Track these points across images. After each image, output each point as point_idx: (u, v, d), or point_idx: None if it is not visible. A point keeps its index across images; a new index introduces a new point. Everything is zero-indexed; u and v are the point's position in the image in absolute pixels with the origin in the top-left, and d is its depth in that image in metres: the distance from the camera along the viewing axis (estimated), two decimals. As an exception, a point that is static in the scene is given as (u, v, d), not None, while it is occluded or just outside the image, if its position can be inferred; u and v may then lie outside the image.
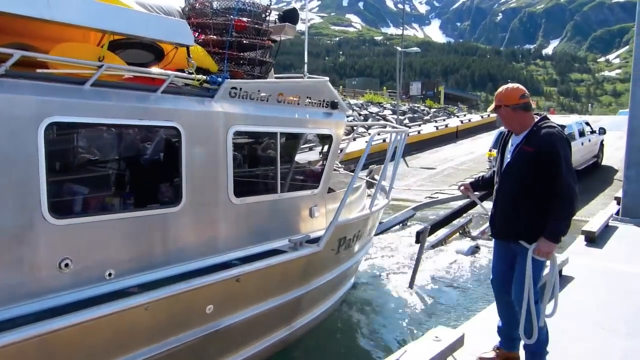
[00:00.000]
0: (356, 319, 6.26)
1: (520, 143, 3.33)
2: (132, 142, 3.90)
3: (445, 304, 6.84)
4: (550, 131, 3.21)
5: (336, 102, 5.02)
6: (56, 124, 3.05)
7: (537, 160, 3.18)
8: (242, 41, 4.48)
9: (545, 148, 3.16)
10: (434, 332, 3.78)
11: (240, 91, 4.06)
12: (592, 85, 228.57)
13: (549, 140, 3.17)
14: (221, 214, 4.02)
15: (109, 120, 3.33)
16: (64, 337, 2.88)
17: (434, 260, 8.58)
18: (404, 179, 18.06)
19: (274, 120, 4.37)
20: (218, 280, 3.67)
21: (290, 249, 4.36)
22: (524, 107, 3.33)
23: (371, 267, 8.26)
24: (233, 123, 3.99)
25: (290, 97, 4.54)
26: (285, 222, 4.67)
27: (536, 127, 3.29)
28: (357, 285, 7.38)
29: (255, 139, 4.67)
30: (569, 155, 3.20)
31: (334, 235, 4.62)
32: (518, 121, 3.35)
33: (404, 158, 22.35)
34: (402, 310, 6.65)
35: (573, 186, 3.10)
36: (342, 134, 5.19)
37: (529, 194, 3.24)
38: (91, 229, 3.22)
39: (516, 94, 3.35)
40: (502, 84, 3.60)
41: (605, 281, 5.66)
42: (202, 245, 3.89)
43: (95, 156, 3.74)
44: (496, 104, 3.43)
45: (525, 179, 3.25)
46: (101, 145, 3.73)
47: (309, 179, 5.20)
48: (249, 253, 4.19)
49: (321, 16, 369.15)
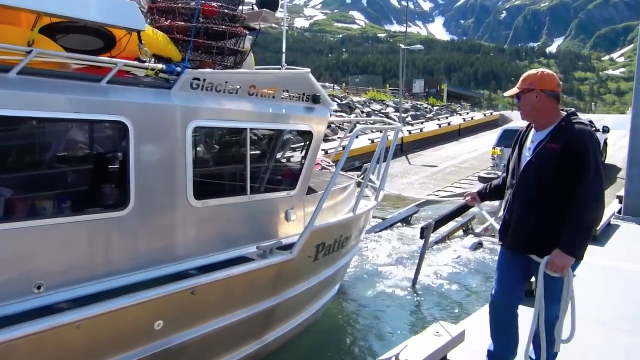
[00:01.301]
0: (358, 314, 6.30)
1: (545, 139, 2.88)
2: (70, 139, 3.47)
3: (447, 300, 6.88)
4: (582, 127, 2.80)
5: (318, 95, 4.59)
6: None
7: (563, 159, 2.76)
8: (211, 28, 4.08)
9: (573, 146, 2.75)
10: (434, 327, 3.81)
11: (204, 82, 3.66)
12: (595, 83, 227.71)
13: (580, 137, 2.75)
14: (178, 218, 3.63)
15: (40, 113, 2.94)
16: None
17: (437, 256, 8.61)
18: (406, 176, 18.07)
19: (243, 114, 3.97)
20: (168, 293, 3.27)
21: (258, 256, 3.97)
22: (557, 96, 2.92)
23: (375, 263, 8.30)
24: (193, 117, 3.60)
25: (264, 89, 4.11)
26: (256, 227, 4.26)
27: (565, 122, 2.85)
28: (360, 281, 7.42)
29: (223, 136, 4.35)
30: (599, 157, 2.79)
31: (310, 241, 4.21)
32: (546, 112, 2.91)
33: (407, 156, 22.37)
34: (404, 305, 6.69)
35: (599, 193, 2.71)
36: (323, 131, 4.80)
37: (549, 198, 2.83)
38: (16, 236, 2.85)
39: (554, 80, 2.92)
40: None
41: (606, 279, 5.67)
42: (154, 253, 3.51)
43: (24, 154, 3.35)
44: (524, 87, 2.95)
45: (546, 180, 2.83)
46: (31, 142, 3.32)
47: (285, 179, 4.77)
48: (211, 261, 3.81)
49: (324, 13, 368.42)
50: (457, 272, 7.92)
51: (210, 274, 3.55)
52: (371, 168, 4.95)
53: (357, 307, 6.50)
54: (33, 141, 3.32)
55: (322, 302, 5.32)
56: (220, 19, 4.13)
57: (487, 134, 27.96)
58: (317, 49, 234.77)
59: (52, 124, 3.17)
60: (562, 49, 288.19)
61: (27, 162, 3.37)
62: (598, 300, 4.98)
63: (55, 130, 3.31)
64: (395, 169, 19.41)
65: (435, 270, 7.89)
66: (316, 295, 5.06)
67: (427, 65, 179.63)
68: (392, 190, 15.70)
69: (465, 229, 10.12)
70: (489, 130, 29.70)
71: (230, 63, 4.33)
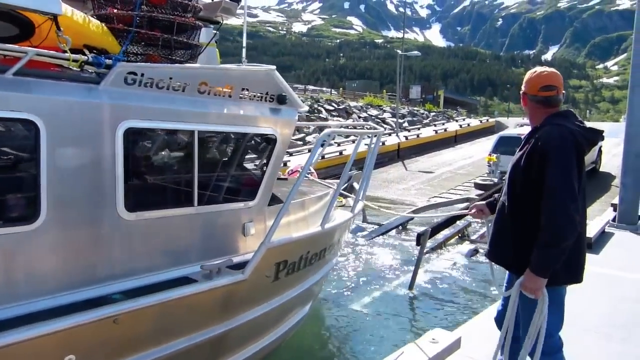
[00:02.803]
0: (354, 320, 6.30)
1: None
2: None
3: (443, 307, 6.89)
4: (553, 129, 2.53)
5: (284, 95, 4.11)
6: None
7: (528, 163, 2.55)
8: (156, 17, 3.64)
9: (536, 147, 2.52)
10: (431, 334, 3.83)
11: (142, 77, 3.20)
12: (590, 91, 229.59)
13: (545, 137, 2.51)
14: (105, 233, 3.17)
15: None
16: None
17: (433, 262, 8.63)
18: (402, 182, 18.12)
19: (190, 115, 3.49)
20: (82, 323, 2.77)
21: (203, 277, 3.48)
22: (543, 101, 2.66)
23: (371, 269, 8.30)
24: (125, 117, 3.15)
25: (218, 87, 3.65)
26: (206, 243, 3.79)
27: (541, 125, 2.65)
28: (356, 287, 7.43)
29: (166, 139, 3.82)
30: (570, 163, 2.44)
31: (266, 259, 3.69)
32: (533, 115, 2.74)
33: (403, 162, 22.43)
34: (400, 311, 6.69)
35: (564, 205, 2.37)
36: (290, 135, 4.32)
37: (519, 208, 2.61)
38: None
39: (537, 84, 2.68)
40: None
41: (601, 287, 5.70)
42: (71, 274, 3.03)
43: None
44: (521, 90, 2.81)
45: (515, 188, 2.64)
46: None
47: (243, 189, 4.29)
48: (143, 283, 3.34)
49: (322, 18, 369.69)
50: (453, 279, 7.93)
51: (137, 299, 3.04)
52: (343, 178, 4.33)
53: (353, 314, 6.50)
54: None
55: (288, 325, 4.71)
56: (169, 8, 3.69)
57: (483, 141, 28.08)
58: (314, 53, 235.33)
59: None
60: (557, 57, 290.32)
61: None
62: (592, 308, 5.00)
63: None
64: (392, 175, 19.46)
65: (432, 277, 7.90)
66: (280, 318, 4.52)
67: (424, 71, 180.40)
68: (389, 195, 15.77)
69: (461, 236, 10.16)
70: (485, 137, 29.83)
71: (182, 58, 3.88)
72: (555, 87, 2.65)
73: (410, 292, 7.24)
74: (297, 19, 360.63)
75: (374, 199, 15.08)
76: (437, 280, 7.78)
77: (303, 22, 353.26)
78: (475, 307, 6.74)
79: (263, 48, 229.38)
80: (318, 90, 41.52)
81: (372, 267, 8.42)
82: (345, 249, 9.31)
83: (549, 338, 2.58)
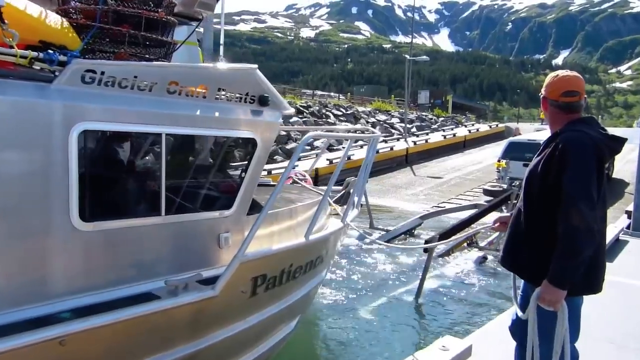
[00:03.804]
0: (362, 328, 6.24)
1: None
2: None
3: (451, 314, 6.80)
4: (573, 135, 2.41)
5: (266, 97, 3.81)
6: None
7: (546, 169, 2.47)
8: (122, 11, 3.38)
9: (554, 153, 2.43)
10: (441, 342, 3.76)
11: (102, 76, 2.95)
12: (602, 96, 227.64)
13: (564, 143, 2.40)
14: (55, 245, 2.91)
15: None
16: None
17: (441, 269, 8.55)
18: (410, 187, 18.04)
19: (156, 117, 3.23)
20: (20, 346, 2.47)
21: (168, 293, 3.20)
22: (565, 107, 2.55)
23: (378, 275, 8.24)
24: (81, 119, 2.90)
25: (190, 87, 3.40)
26: (176, 255, 3.51)
27: (560, 130, 2.54)
28: (363, 293, 7.37)
29: (130, 142, 3.57)
30: (589, 171, 2.34)
31: (241, 273, 3.44)
32: (552, 121, 2.64)
33: (411, 167, 22.34)
34: (408, 318, 6.63)
35: (582, 214, 2.27)
36: (272, 139, 4.02)
37: (535, 214, 2.54)
38: None
39: (559, 89, 2.56)
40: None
41: (614, 295, 5.59)
42: (12, 290, 2.75)
43: None
44: (541, 94, 2.69)
45: (531, 194, 2.57)
46: None
47: (219, 197, 3.97)
48: (101, 300, 3.06)
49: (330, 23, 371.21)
50: (461, 286, 7.84)
51: (87, 319, 2.76)
52: (330, 185, 4.06)
53: (361, 320, 6.44)
54: None
55: (271, 343, 4.42)
56: (140, 2, 3.46)
57: (493, 146, 27.91)
58: (322, 58, 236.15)
59: None
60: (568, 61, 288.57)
61: None
62: (607, 317, 4.90)
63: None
64: (400, 180, 19.38)
65: (440, 284, 7.82)
66: (261, 336, 4.24)
67: (432, 76, 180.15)
68: (397, 201, 15.69)
69: (469, 243, 10.05)
70: (494, 142, 29.66)
71: (155, 56, 3.64)
72: (578, 92, 2.54)
73: (418, 299, 7.16)
74: (305, 25, 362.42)
75: (380, 206, 15.03)
76: (445, 287, 7.70)
77: (311, 27, 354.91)
78: (484, 315, 6.65)
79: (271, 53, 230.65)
80: (326, 96, 41.62)
81: (379, 273, 8.36)
82: (352, 255, 9.26)
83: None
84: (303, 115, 25.34)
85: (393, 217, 13.19)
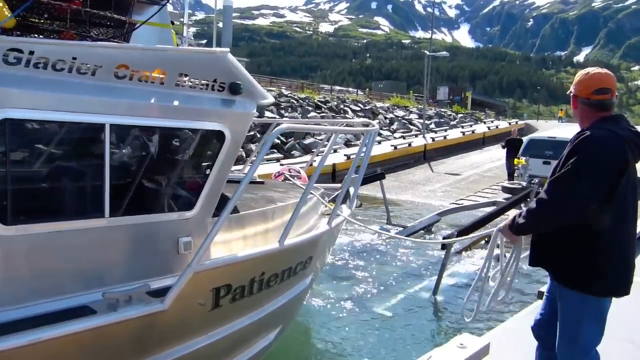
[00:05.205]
0: (379, 324, 6.26)
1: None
2: None
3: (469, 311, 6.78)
4: (592, 133, 2.39)
5: (237, 84, 3.35)
6: None
7: (563, 164, 2.46)
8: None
9: (569, 150, 2.44)
10: (459, 339, 3.76)
11: (30, 56, 2.55)
12: (624, 94, 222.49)
13: (578, 141, 2.41)
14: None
15: None
16: None
17: (458, 266, 8.51)
18: (428, 184, 17.94)
19: (98, 105, 2.81)
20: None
21: (108, 307, 2.81)
22: (597, 105, 2.50)
23: (395, 272, 8.25)
24: (2, 105, 2.53)
25: (144, 72, 2.97)
26: (124, 262, 3.12)
27: (585, 128, 2.50)
28: (380, 290, 7.38)
29: (65, 133, 3.05)
30: (599, 170, 2.31)
31: (198, 284, 3.07)
32: (581, 119, 2.60)
33: (429, 163, 22.20)
34: (425, 316, 6.63)
35: (564, 193, 2.34)
36: (244, 132, 3.55)
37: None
38: None
39: (589, 87, 2.50)
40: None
41: (636, 295, 5.52)
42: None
43: None
44: (571, 92, 2.64)
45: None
46: None
47: (179, 197, 3.52)
48: (27, 315, 2.68)
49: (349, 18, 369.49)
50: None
51: (7, 337, 2.39)
52: (311, 182, 3.70)
53: (377, 317, 6.46)
54: None
55: (245, 357, 3.99)
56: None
57: (512, 144, 27.56)
58: (341, 54, 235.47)
59: None
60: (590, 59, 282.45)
61: None
62: (627, 317, 4.84)
63: None
64: (418, 177, 19.29)
65: (457, 281, 7.80)
66: (231, 351, 3.82)
67: (452, 72, 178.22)
68: (414, 198, 15.63)
69: (487, 240, 9.98)
70: (513, 140, 29.28)
71: (106, 36, 3.24)
72: (610, 89, 2.50)
73: (435, 296, 7.16)
74: (324, 19, 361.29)
75: (397, 202, 15.02)
76: (463, 285, 7.67)
77: (330, 22, 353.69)
78: (503, 312, 6.61)
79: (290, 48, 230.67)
80: (344, 91, 41.49)
81: (396, 269, 8.37)
82: (370, 250, 9.28)
83: (586, 354, 2.50)
84: (321, 110, 25.32)
85: (411, 213, 13.16)
